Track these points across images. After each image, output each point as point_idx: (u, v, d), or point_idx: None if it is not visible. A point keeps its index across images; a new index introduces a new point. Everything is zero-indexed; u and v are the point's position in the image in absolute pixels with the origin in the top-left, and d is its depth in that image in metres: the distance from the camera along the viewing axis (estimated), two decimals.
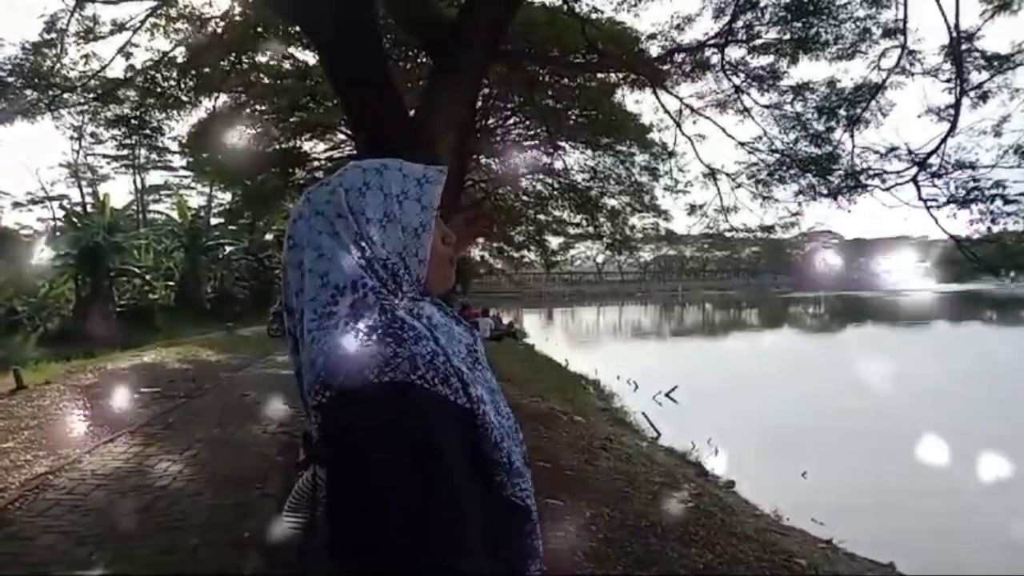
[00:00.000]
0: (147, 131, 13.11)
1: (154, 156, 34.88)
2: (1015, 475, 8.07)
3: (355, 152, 12.22)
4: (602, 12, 10.30)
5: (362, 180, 1.02)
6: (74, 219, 26.40)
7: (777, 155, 9.64)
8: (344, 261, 0.96)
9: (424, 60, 10.39)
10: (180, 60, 10.71)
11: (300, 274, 0.99)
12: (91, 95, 10.75)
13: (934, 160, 7.51)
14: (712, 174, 10.57)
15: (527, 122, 15.49)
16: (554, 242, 20.86)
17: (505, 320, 27.94)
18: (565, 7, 9.91)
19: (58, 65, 9.67)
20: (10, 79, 9.56)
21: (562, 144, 15.40)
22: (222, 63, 11.20)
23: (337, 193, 1.01)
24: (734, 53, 9.45)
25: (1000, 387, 13.78)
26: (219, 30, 10.22)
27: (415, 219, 1.02)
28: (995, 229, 7.47)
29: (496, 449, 0.96)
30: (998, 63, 7.51)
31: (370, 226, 0.99)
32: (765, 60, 9.36)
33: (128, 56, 10.09)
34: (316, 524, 0.93)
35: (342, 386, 0.88)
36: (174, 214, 35.19)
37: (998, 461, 8.60)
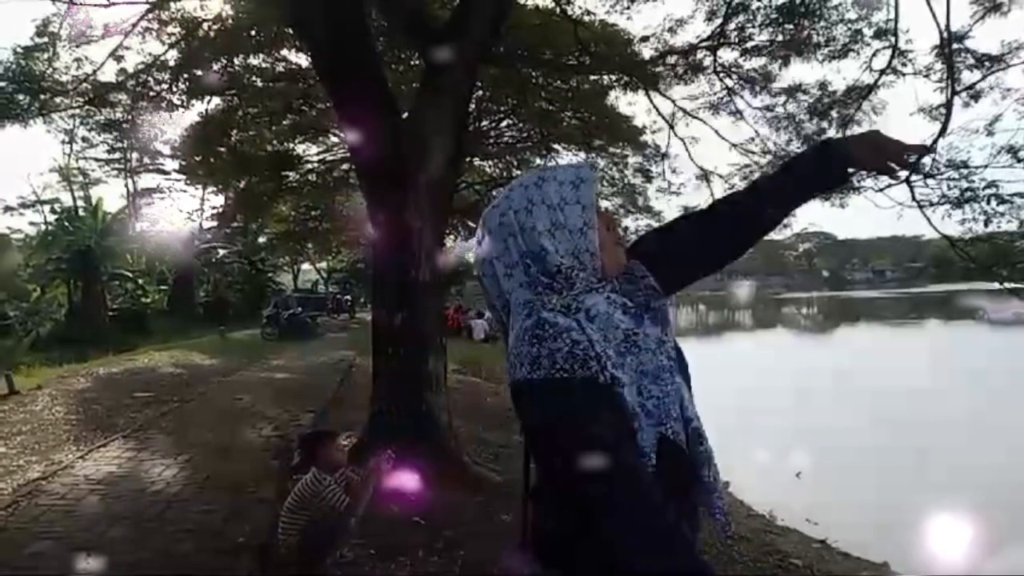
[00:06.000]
0: (139, 135, 13.07)
1: (146, 159, 34.66)
2: (1010, 473, 8.09)
3: (348, 155, 12.18)
4: (594, 14, 10.27)
5: (526, 198, 1.16)
6: (66, 223, 26.23)
7: (770, 156, 9.65)
8: (516, 276, 1.15)
9: (417, 62, 10.36)
10: (172, 63, 10.68)
11: (495, 281, 1.18)
12: (83, 99, 10.71)
13: (927, 160, 7.52)
14: (705, 176, 10.57)
15: (520, 124, 15.46)
16: None
17: None
18: (557, 9, 9.90)
19: (50, 69, 9.63)
20: (1, 83, 9.51)
21: (555, 146, 15.38)
22: (214, 66, 11.17)
23: (507, 215, 1.17)
24: (726, 55, 9.49)
25: (995, 385, 13.81)
26: (211, 33, 10.20)
27: (578, 220, 1.16)
28: (989, 229, 7.47)
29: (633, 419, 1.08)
30: (989, 63, 7.52)
31: (542, 238, 1.14)
32: (757, 62, 9.39)
33: (120, 60, 10.08)
34: (315, 525, 0.95)
35: (513, 382, 1.06)
36: None
37: (992, 459, 8.64)
